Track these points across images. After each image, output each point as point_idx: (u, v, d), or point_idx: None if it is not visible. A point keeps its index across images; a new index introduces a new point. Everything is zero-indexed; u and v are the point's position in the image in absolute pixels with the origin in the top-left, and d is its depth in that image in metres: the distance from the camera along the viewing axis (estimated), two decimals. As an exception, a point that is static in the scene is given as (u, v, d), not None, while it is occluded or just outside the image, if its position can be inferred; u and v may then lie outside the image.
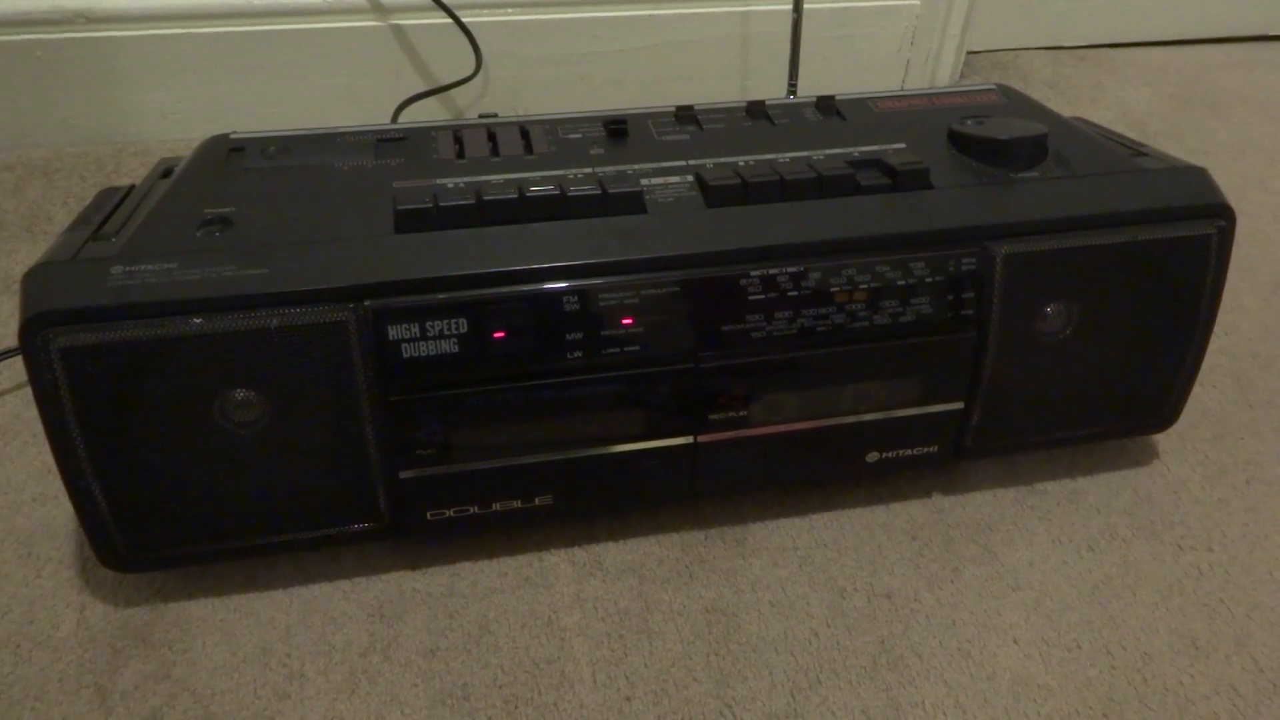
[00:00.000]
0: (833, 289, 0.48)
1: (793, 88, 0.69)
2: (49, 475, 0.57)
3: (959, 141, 0.54)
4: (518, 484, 0.49)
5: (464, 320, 0.45)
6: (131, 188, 0.54)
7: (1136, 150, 0.56)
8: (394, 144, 0.54)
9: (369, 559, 0.53)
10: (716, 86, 0.95)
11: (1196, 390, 0.61)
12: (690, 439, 0.50)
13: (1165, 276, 0.52)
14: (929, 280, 0.49)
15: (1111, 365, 0.54)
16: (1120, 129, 0.87)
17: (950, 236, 0.49)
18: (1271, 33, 1.24)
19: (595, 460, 0.49)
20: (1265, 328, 0.72)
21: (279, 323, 0.43)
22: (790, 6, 0.72)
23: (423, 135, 0.55)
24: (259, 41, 0.87)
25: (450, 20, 0.85)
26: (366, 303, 0.44)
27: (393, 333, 0.44)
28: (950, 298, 0.49)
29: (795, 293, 0.47)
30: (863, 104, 0.58)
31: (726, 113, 0.57)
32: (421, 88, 0.88)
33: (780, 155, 0.52)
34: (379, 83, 0.89)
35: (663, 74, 0.94)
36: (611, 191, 0.48)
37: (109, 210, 0.50)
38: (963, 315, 0.50)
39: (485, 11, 0.88)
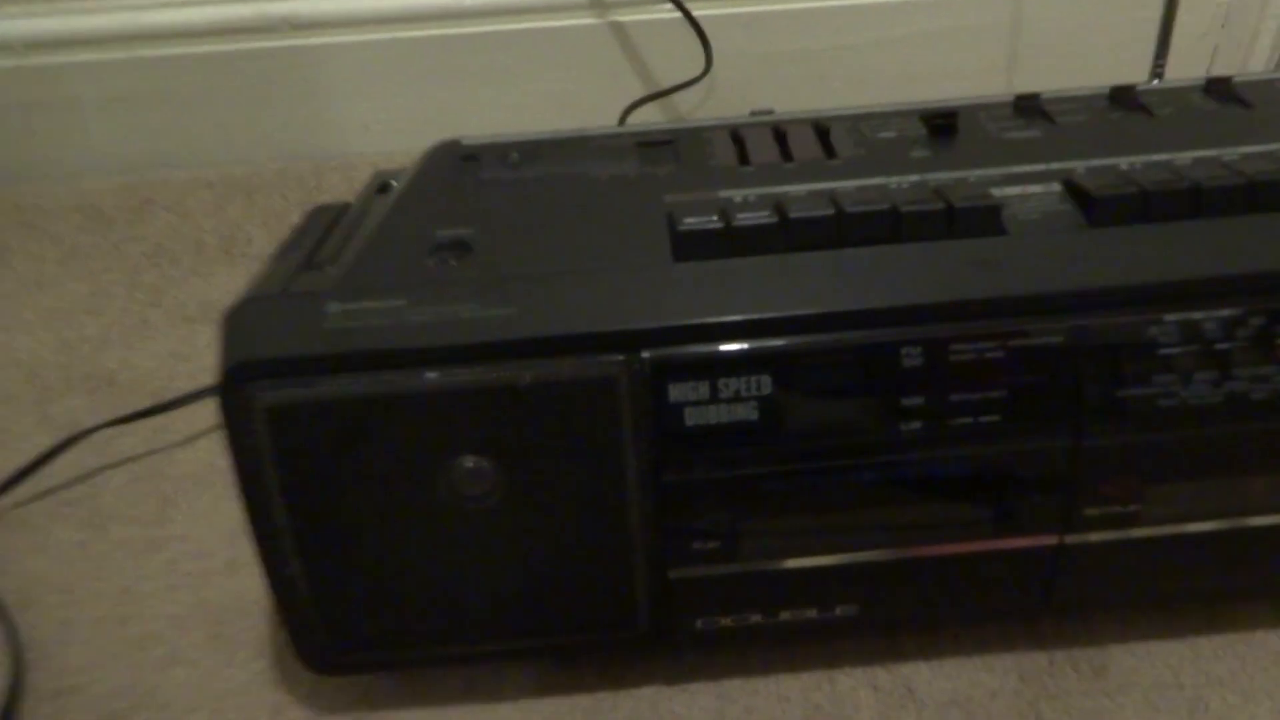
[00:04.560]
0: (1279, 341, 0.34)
1: (1159, 69, 0.54)
2: (242, 538, 0.49)
3: None
4: (817, 590, 0.38)
5: (768, 378, 0.33)
6: (347, 206, 0.45)
7: None
8: (660, 148, 0.43)
9: (623, 667, 0.42)
10: (980, 84, 0.81)
11: None
12: (1055, 540, 0.37)
13: None
14: None
15: None
16: None
17: None
18: None
19: (922, 564, 0.37)
20: None
21: (532, 378, 0.33)
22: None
23: (693, 137, 0.44)
24: (467, 45, 0.79)
25: (677, 15, 0.75)
26: (643, 354, 0.33)
27: (675, 393, 0.33)
28: None
29: (1225, 345, 0.34)
30: (1271, 86, 0.44)
31: (1082, 102, 0.43)
32: (641, 92, 0.79)
33: (1178, 155, 0.39)
34: (595, 86, 0.80)
35: (915, 70, 0.81)
36: (958, 206, 0.35)
37: (322, 232, 0.42)
38: None
39: (714, 4, 0.77)
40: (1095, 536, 0.37)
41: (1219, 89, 0.43)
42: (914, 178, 0.39)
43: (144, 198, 0.77)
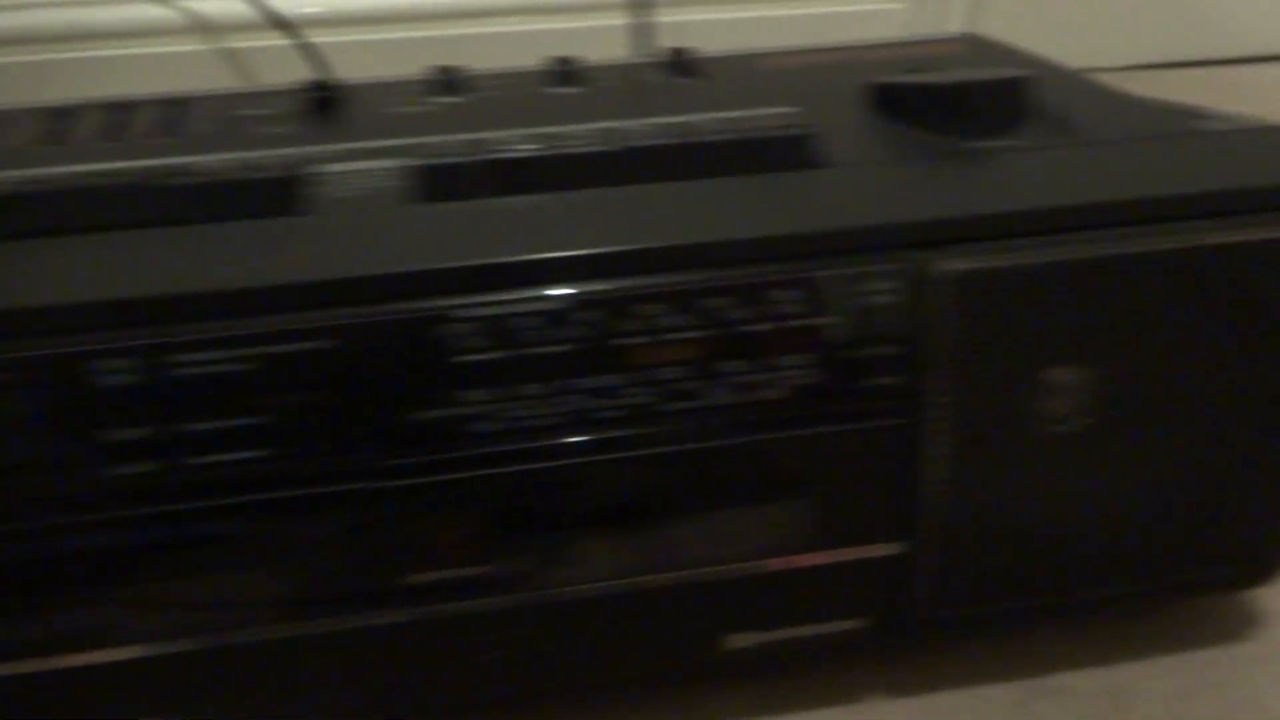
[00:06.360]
0: (628, 341, 0.26)
1: (641, 44, 0.48)
2: None
3: (886, 99, 0.32)
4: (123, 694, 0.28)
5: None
6: None
7: (1191, 112, 0.34)
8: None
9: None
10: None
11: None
12: (374, 617, 0.27)
13: (1251, 314, 0.29)
14: (810, 323, 0.27)
15: (1166, 473, 0.31)
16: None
17: (849, 243, 0.27)
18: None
19: (193, 659, 0.27)
20: None
21: None
22: None
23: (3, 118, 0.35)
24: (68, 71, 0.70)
25: (290, 41, 0.67)
26: None
27: None
28: (853, 355, 0.27)
29: (558, 347, 0.26)
30: (743, 61, 0.37)
31: (518, 77, 0.36)
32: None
33: (576, 126, 0.31)
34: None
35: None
36: (237, 179, 0.27)
37: None
38: (879, 387, 0.27)
39: (338, 29, 0.70)
40: (429, 610, 0.28)
41: (677, 62, 0.36)
42: (241, 154, 0.30)
43: None
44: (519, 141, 0.30)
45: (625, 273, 0.26)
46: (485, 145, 0.30)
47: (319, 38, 0.68)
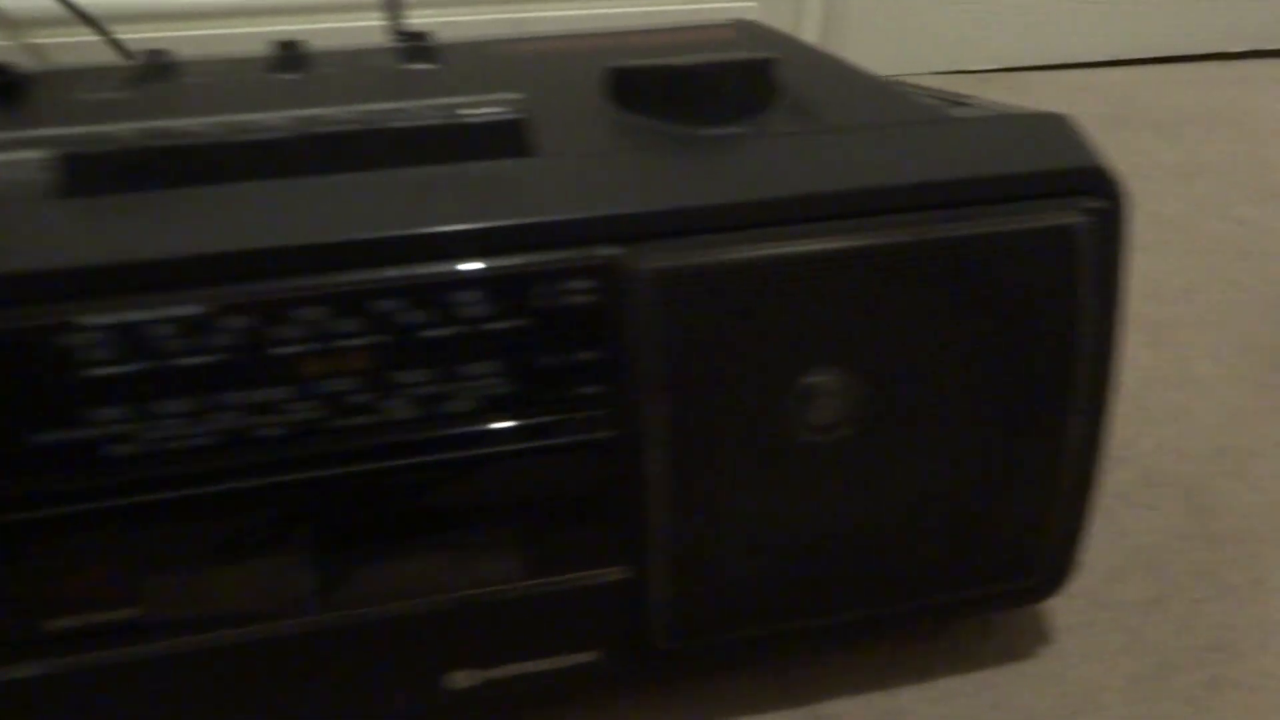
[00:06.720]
0: (288, 350, 0.23)
1: (397, 30, 0.45)
2: None
3: (621, 85, 0.30)
4: None
5: None
6: None
7: (954, 100, 0.32)
8: None
9: None
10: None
11: (1125, 516, 0.37)
12: (7, 671, 0.24)
13: (1001, 310, 0.27)
14: (497, 327, 0.24)
15: (933, 482, 0.29)
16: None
17: (539, 238, 0.24)
18: (1230, 50, 1.03)
19: None
20: (1233, 410, 0.47)
21: None
22: None
23: None
24: None
25: (98, 37, 0.63)
26: None
27: None
28: (547, 362, 0.24)
29: (204, 358, 0.23)
30: (489, 47, 0.34)
31: (237, 63, 0.33)
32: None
33: (271, 114, 0.28)
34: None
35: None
36: None
37: None
38: (581, 397, 0.25)
39: (155, 24, 0.66)
40: (80, 659, 0.24)
41: (414, 48, 0.33)
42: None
43: None
44: (199, 129, 0.27)
45: (279, 273, 0.23)
46: (157, 133, 0.26)
47: (129, 34, 0.64)
